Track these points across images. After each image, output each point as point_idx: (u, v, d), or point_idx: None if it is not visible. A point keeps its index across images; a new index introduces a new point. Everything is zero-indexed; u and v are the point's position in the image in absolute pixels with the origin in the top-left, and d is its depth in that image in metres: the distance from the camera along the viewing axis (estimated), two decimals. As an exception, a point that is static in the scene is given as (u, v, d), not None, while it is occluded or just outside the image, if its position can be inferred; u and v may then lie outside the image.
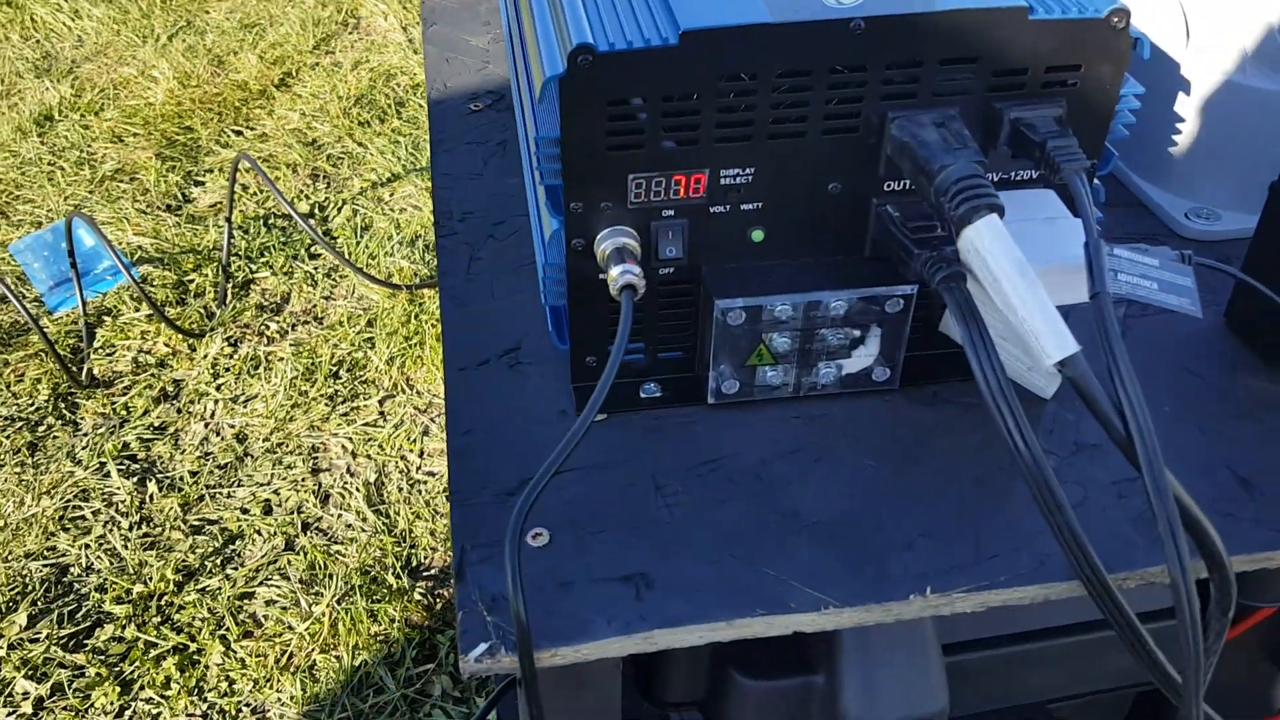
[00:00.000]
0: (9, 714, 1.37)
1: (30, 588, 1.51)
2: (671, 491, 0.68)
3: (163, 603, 1.51)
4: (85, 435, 1.78)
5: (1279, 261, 0.75)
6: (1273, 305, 0.72)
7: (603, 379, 0.62)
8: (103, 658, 1.44)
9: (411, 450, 1.70)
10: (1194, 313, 0.62)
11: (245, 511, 1.63)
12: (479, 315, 0.82)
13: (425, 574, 1.51)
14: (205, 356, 1.90)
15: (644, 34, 0.62)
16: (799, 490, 0.68)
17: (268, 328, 1.95)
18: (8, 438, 1.72)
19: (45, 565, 1.58)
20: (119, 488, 1.68)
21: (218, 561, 1.56)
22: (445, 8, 1.26)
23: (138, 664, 1.43)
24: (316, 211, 2.22)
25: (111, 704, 1.39)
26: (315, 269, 2.07)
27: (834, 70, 0.63)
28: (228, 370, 1.88)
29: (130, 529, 1.62)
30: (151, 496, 1.67)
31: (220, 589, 1.52)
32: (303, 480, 1.68)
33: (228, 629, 1.45)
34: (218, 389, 1.85)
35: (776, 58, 0.62)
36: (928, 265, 0.65)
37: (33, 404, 1.78)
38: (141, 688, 1.41)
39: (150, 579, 1.54)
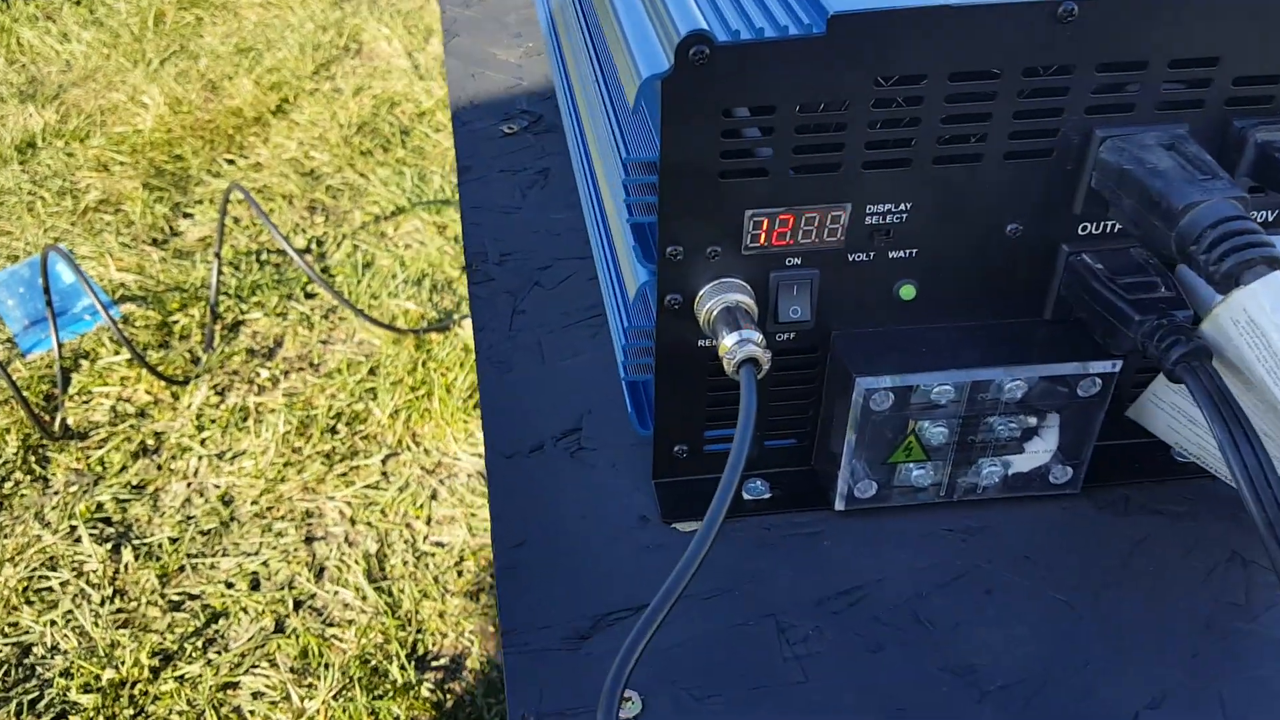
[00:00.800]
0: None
1: (-14, 671, 1.33)
2: (800, 635, 0.51)
3: (136, 692, 1.32)
4: (56, 494, 1.60)
5: None
6: None
7: (722, 487, 0.45)
8: (64, 757, 1.26)
9: (418, 517, 1.52)
10: None
11: (230, 586, 1.45)
12: (528, 384, 0.65)
13: (433, 664, 1.32)
14: (189, 406, 1.72)
15: (777, 20, 0.45)
16: (971, 635, 0.51)
17: (258, 375, 1.78)
18: (-33, 498, 1.54)
19: (6, 643, 1.39)
20: (90, 555, 1.50)
21: (199, 644, 1.37)
22: (468, 18, 1.10)
23: (104, 766, 1.25)
24: (314, 247, 2.05)
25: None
26: (312, 310, 1.89)
27: (1029, 71, 0.47)
28: (214, 422, 1.70)
29: (102, 604, 1.44)
30: (126, 566, 1.49)
31: (201, 677, 1.33)
32: (295, 550, 1.49)
33: (208, 725, 1.27)
34: (202, 443, 1.67)
35: (955, 52, 0.46)
36: (1156, 337, 0.48)
37: (-2, 458, 1.60)
38: (107, 794, 1.22)
39: (122, 663, 1.35)
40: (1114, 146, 0.48)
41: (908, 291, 0.53)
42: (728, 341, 0.48)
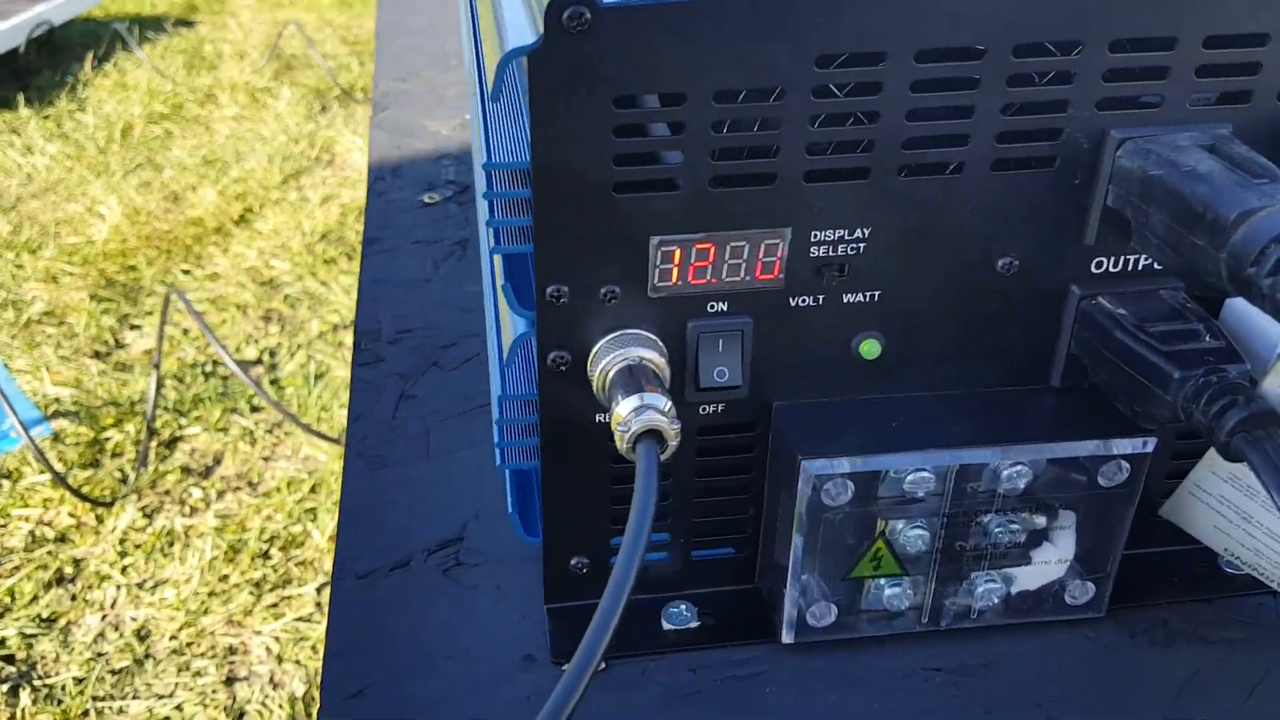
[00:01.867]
0: None
1: None
2: (730, 825, 0.36)
3: None
4: (-42, 627, 1.44)
5: None
6: None
7: (604, 605, 0.32)
8: None
9: (353, 651, 1.35)
10: None
11: (136, 734, 1.28)
12: (404, 484, 0.52)
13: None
14: (113, 530, 1.57)
15: (683, -29, 0.34)
16: (968, 820, 0.37)
17: (190, 495, 1.63)
18: None
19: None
20: (-16, 698, 1.33)
21: (93, 802, 1.20)
22: (404, 92, 1.00)
23: None
24: (267, 357, 1.93)
25: None
26: (256, 424, 1.76)
27: (1021, 50, 0.35)
28: (138, 548, 1.55)
29: (-11, 755, 1.26)
30: (24, 711, 1.32)
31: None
32: (213, 692, 1.33)
33: None
34: (123, 571, 1.52)
35: (921, 23, 0.34)
36: (1204, 400, 0.35)
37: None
38: None
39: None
40: (1136, 150, 0.36)
41: (870, 348, 0.40)
42: (621, 409, 0.35)
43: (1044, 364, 0.41)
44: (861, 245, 0.38)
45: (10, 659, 1.39)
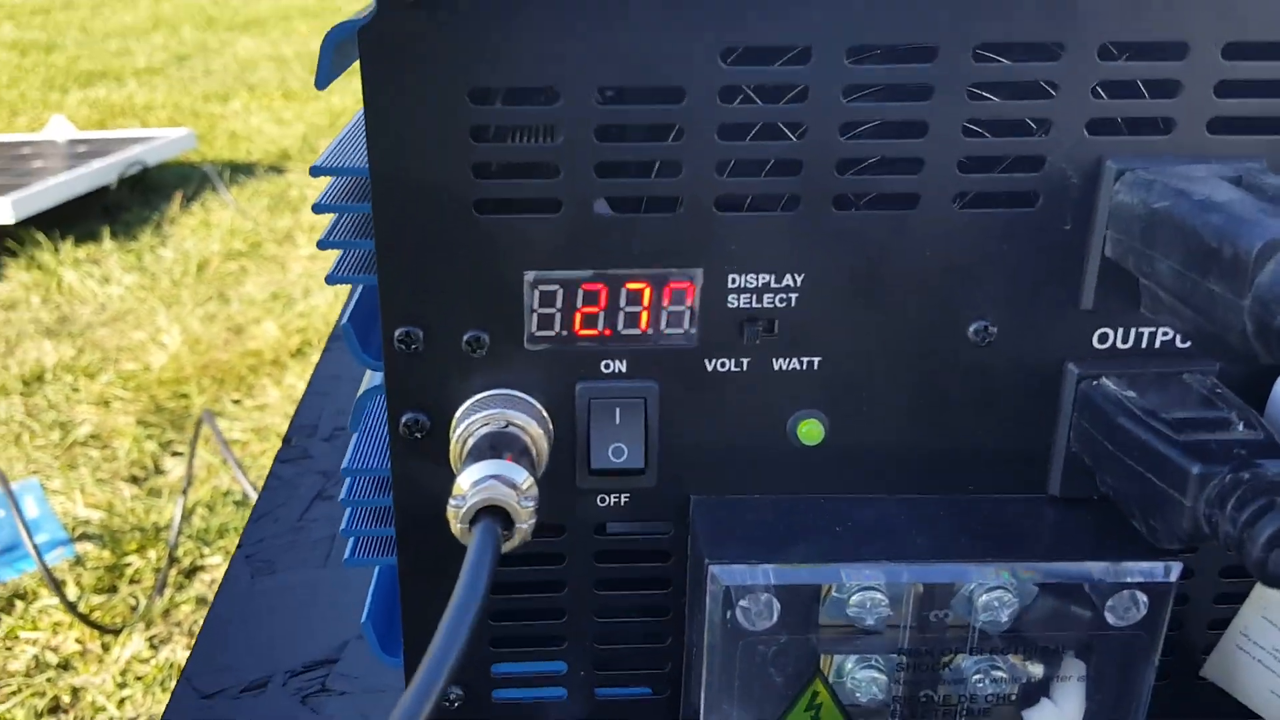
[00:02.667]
0: None
1: None
2: None
3: None
4: (-54, 755, 1.37)
5: None
6: None
7: (419, 685, 0.23)
8: None
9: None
10: None
11: None
12: (288, 594, 0.44)
13: None
14: (117, 660, 1.50)
15: (555, -67, 0.28)
16: None
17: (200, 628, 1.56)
18: None
19: None
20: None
21: None
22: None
23: None
24: (301, 491, 1.88)
25: None
26: (278, 557, 1.70)
27: (984, 52, 0.28)
28: (139, 679, 1.47)
29: None
30: None
31: None
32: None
33: None
34: (120, 704, 1.44)
35: (854, 12, 0.27)
36: (1231, 503, 0.26)
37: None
38: None
39: None
40: (1138, 182, 0.29)
41: (811, 431, 0.32)
42: (463, 480, 0.28)
43: (1038, 465, 0.33)
44: (793, 296, 0.30)
45: (-12, 793, 1.31)
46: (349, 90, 4.65)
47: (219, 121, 4.21)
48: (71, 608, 1.51)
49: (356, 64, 0.28)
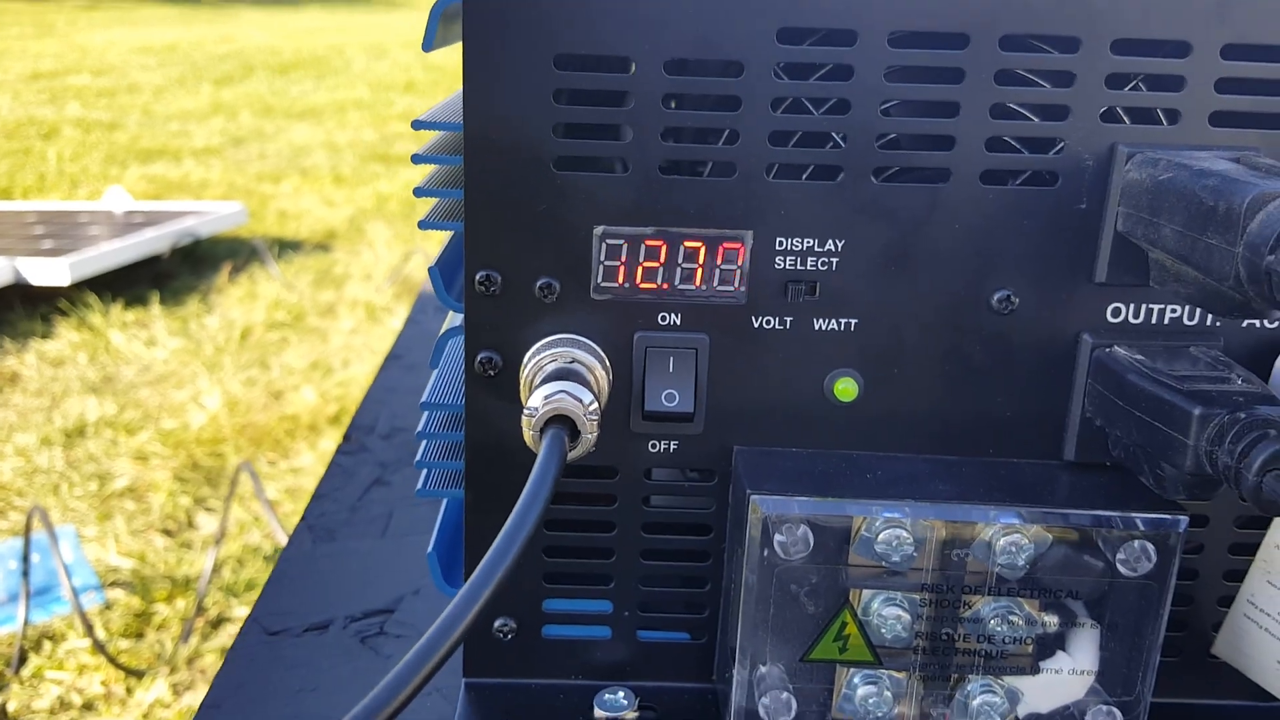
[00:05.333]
0: None
1: None
2: None
3: None
4: (-33, 790, 1.37)
5: None
6: None
7: (472, 583, 0.26)
8: None
9: None
10: None
11: None
12: (346, 556, 0.47)
13: None
14: (140, 703, 1.51)
15: (637, -75, 0.32)
16: None
17: (224, 674, 1.57)
18: None
19: None
20: None
21: None
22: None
23: None
24: (330, 550, 1.90)
25: None
26: (305, 611, 1.71)
27: (1009, 42, 0.32)
28: (161, 723, 1.48)
29: None
30: None
31: None
32: None
33: None
34: (141, 747, 1.44)
35: (893, 1, 0.31)
36: (1229, 438, 0.29)
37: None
38: None
39: None
40: (1146, 160, 0.32)
41: (846, 389, 0.35)
42: (535, 398, 0.31)
43: (1054, 430, 0.35)
44: (834, 260, 0.34)
45: (5, 827, 1.31)
46: (397, 178, 4.79)
47: (270, 200, 4.34)
48: (100, 647, 1.53)
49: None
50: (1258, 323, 0.34)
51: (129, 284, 3.17)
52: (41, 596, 1.73)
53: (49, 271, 2.91)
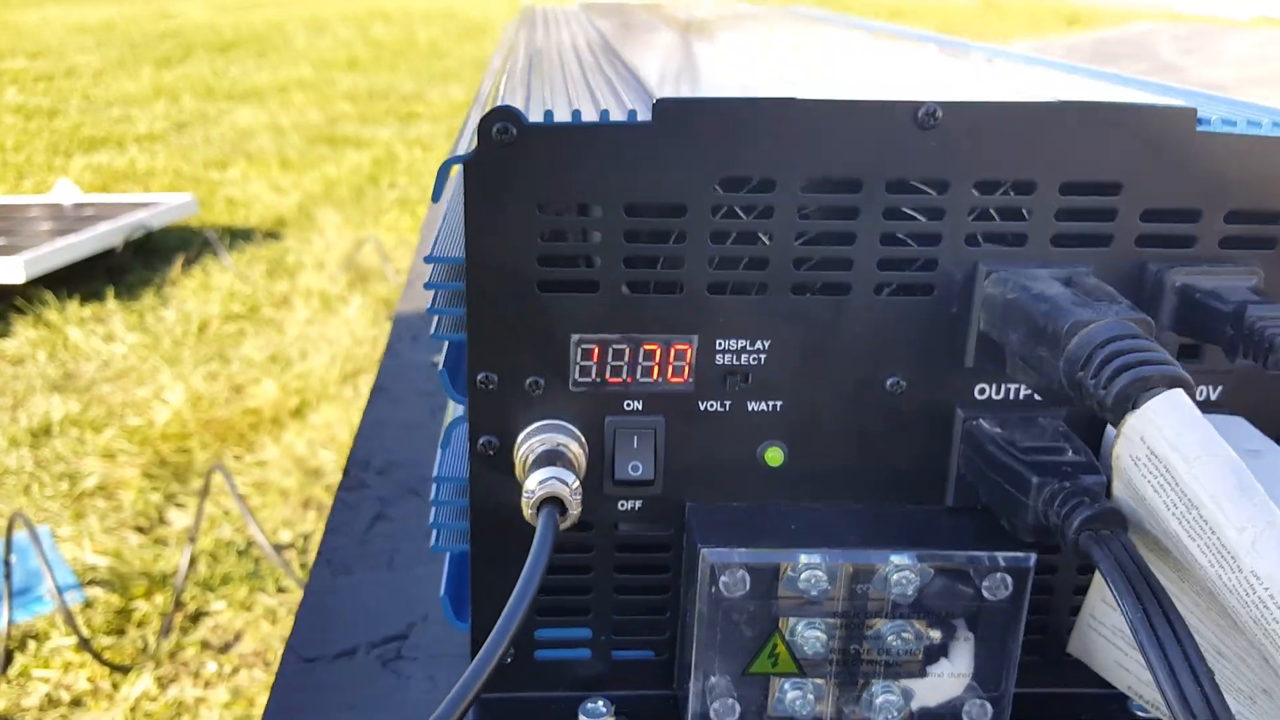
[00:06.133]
0: None
1: None
2: None
3: None
4: (-40, 787, 1.44)
5: None
6: None
7: (485, 650, 0.35)
8: None
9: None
10: None
11: None
12: (363, 588, 0.55)
13: None
14: (126, 698, 1.59)
15: (599, 102, 0.40)
16: None
17: (206, 669, 1.65)
18: None
19: None
20: None
21: None
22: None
23: None
24: (301, 542, 1.97)
25: None
26: (279, 604, 1.79)
27: (895, 185, 0.41)
28: (147, 716, 1.55)
29: None
30: None
31: None
32: None
33: None
34: (130, 739, 1.52)
35: (806, 155, 0.40)
36: (1056, 502, 0.38)
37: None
38: None
39: None
40: (999, 279, 0.41)
41: (774, 456, 0.44)
42: (530, 481, 0.40)
43: (937, 483, 0.45)
44: (762, 356, 0.43)
45: (4, 820, 1.38)
46: (344, 163, 4.80)
47: (218, 188, 4.35)
48: (87, 646, 1.60)
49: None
50: (1094, 397, 0.44)
51: (83, 279, 3.19)
52: (21, 597, 1.79)
53: (2, 270, 2.92)
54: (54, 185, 3.69)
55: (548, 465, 0.40)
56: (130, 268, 3.33)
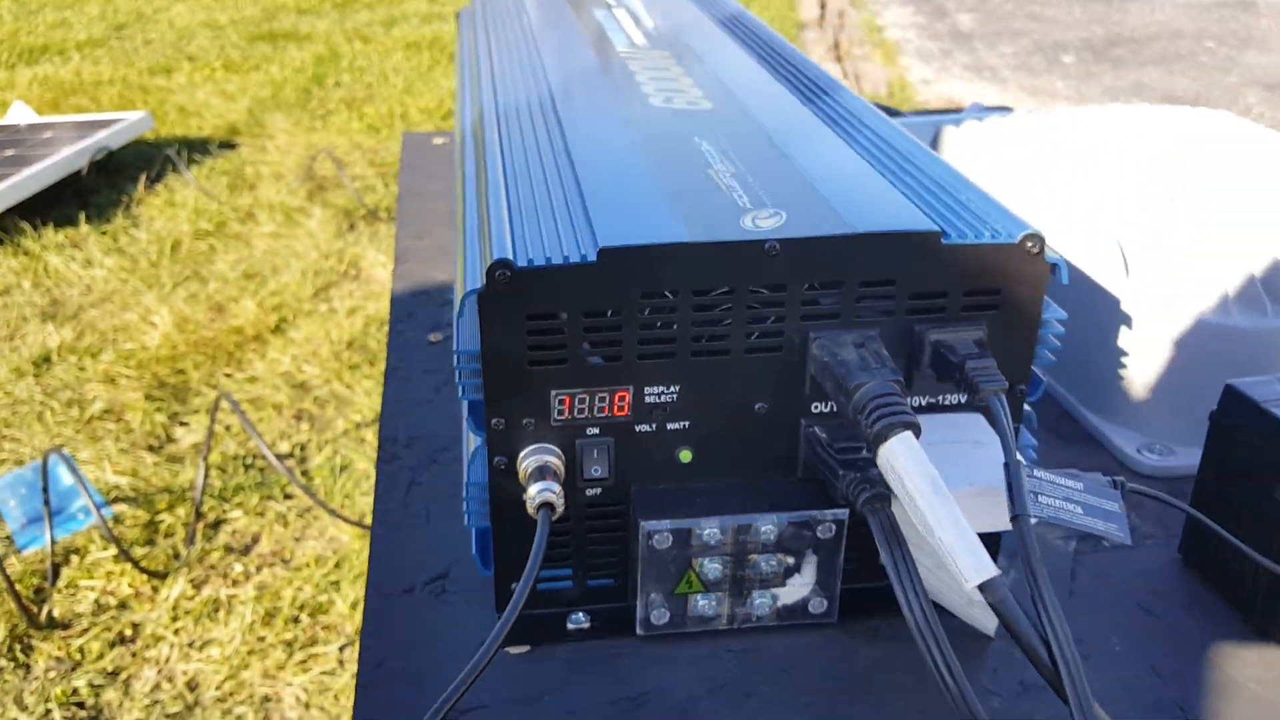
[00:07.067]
0: None
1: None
2: (589, 728, 0.63)
3: None
4: (36, 680, 1.71)
5: (1224, 494, 0.73)
6: (1222, 540, 0.69)
7: (511, 605, 0.59)
8: None
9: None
10: (1122, 539, 0.59)
11: (187, 765, 1.53)
12: (409, 540, 0.80)
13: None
14: (167, 599, 1.84)
15: (564, 250, 0.63)
16: (727, 729, 0.63)
17: (232, 569, 1.91)
18: (-50, 680, 1.64)
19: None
20: (60, 737, 1.59)
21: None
22: (418, 248, 1.30)
23: None
24: (298, 451, 2.21)
25: None
26: (288, 509, 2.04)
27: (753, 290, 0.64)
28: (188, 613, 1.82)
29: (64, 782, 1.52)
30: (92, 747, 1.58)
31: None
32: (252, 732, 1.58)
33: None
34: (175, 633, 1.78)
35: (694, 276, 0.63)
36: (852, 487, 0.63)
37: (-15, 645, 1.71)
38: None
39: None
40: (822, 344, 0.65)
41: (685, 455, 0.68)
42: (531, 490, 0.64)
43: (791, 466, 0.69)
44: (675, 395, 0.66)
45: (81, 705, 1.65)
46: (287, 62, 4.84)
47: (167, 96, 4.41)
48: (127, 556, 1.85)
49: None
50: (888, 408, 0.68)
51: (53, 203, 3.31)
52: (55, 518, 2.02)
53: (-20, 205, 3.04)
54: (9, 107, 3.76)
55: (541, 480, 0.64)
56: (96, 189, 3.45)
